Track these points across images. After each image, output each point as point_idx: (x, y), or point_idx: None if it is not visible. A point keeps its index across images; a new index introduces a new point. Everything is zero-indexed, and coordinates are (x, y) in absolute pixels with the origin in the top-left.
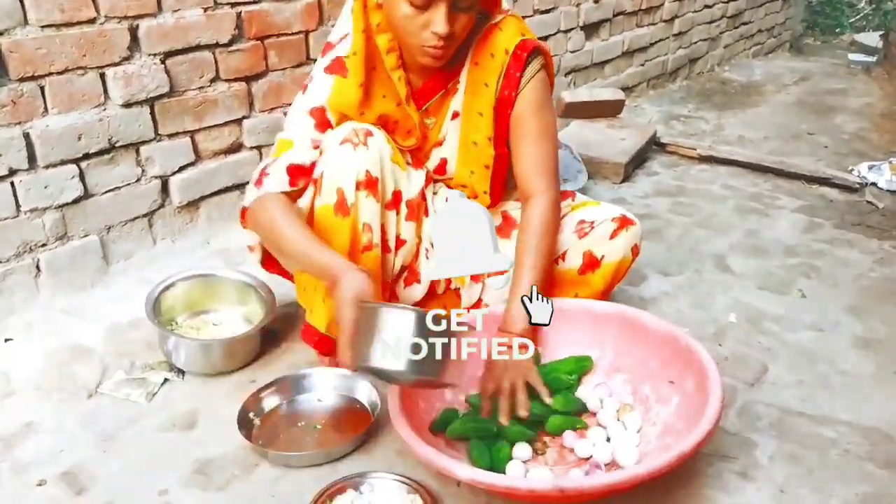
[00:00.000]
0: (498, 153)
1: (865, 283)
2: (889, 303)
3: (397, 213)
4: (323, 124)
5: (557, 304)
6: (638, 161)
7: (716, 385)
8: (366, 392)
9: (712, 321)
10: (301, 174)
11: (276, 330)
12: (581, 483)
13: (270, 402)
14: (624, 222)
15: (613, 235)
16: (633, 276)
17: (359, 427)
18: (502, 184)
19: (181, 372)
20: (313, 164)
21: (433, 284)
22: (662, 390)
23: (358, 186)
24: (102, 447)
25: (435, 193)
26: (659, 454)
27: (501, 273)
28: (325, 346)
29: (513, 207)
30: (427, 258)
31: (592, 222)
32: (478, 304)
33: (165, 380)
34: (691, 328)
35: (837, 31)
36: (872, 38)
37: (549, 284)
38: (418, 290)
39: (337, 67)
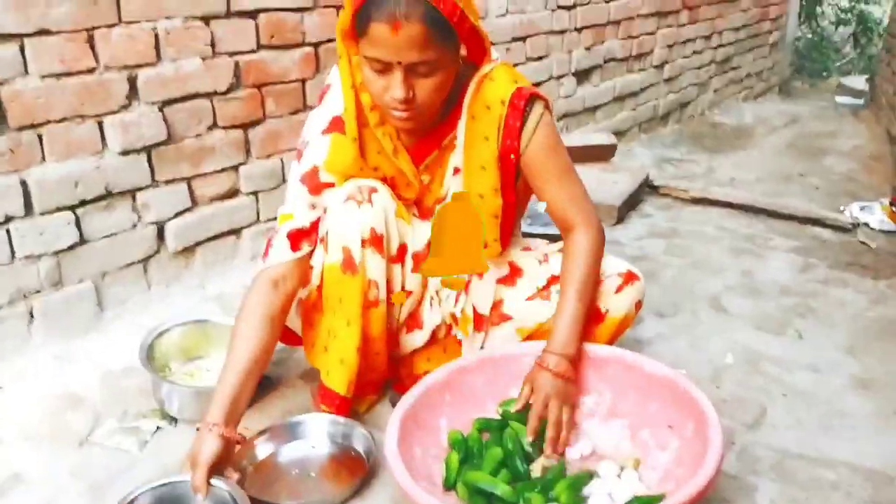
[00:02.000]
0: (505, 202)
1: (862, 322)
2: (886, 342)
3: (402, 266)
4: (316, 188)
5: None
6: (631, 204)
7: (715, 431)
8: (361, 439)
9: (709, 362)
10: (302, 237)
11: (270, 375)
12: None
13: (264, 449)
14: (629, 277)
15: (619, 290)
16: None
17: (354, 475)
18: (510, 232)
19: (174, 420)
20: (314, 224)
21: (434, 331)
22: (661, 435)
23: (363, 244)
24: (93, 497)
25: None
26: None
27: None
28: (346, 409)
29: (519, 256)
30: (431, 306)
31: (603, 275)
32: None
33: (158, 428)
34: (688, 370)
35: (824, 74)
36: (859, 82)
37: (593, 313)
38: (419, 337)
39: (335, 126)
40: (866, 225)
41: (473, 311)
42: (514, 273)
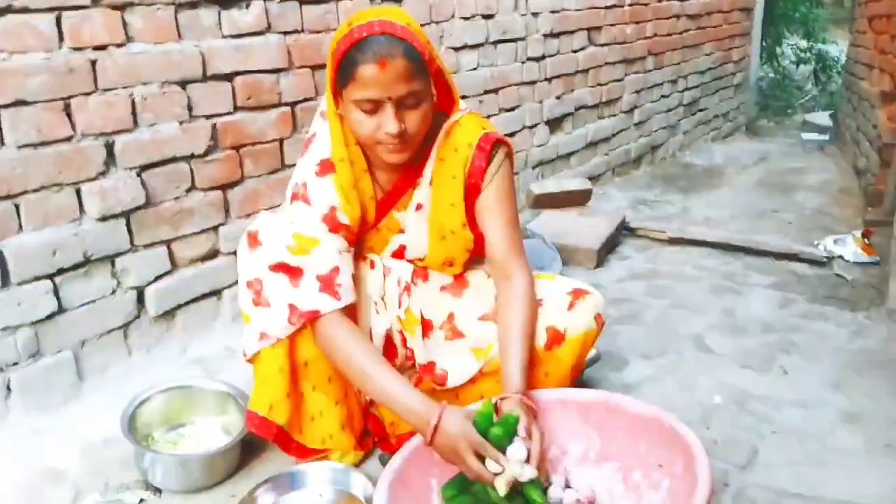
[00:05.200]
0: (475, 235)
1: (845, 356)
2: (870, 375)
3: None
4: (336, 228)
5: (541, 396)
6: (610, 246)
7: (703, 465)
8: (361, 485)
9: (698, 404)
10: (334, 278)
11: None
12: None
13: (266, 499)
14: (578, 293)
15: (571, 307)
16: (614, 362)
17: None
18: (471, 260)
19: (158, 490)
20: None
21: (389, 339)
22: (653, 475)
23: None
24: None
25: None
26: None
27: None
28: (270, 432)
29: (467, 268)
30: (377, 312)
31: (547, 297)
32: (431, 366)
33: (141, 500)
34: (678, 413)
35: (789, 112)
36: (822, 118)
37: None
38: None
39: (326, 168)
40: (841, 258)
41: (421, 315)
42: (460, 283)
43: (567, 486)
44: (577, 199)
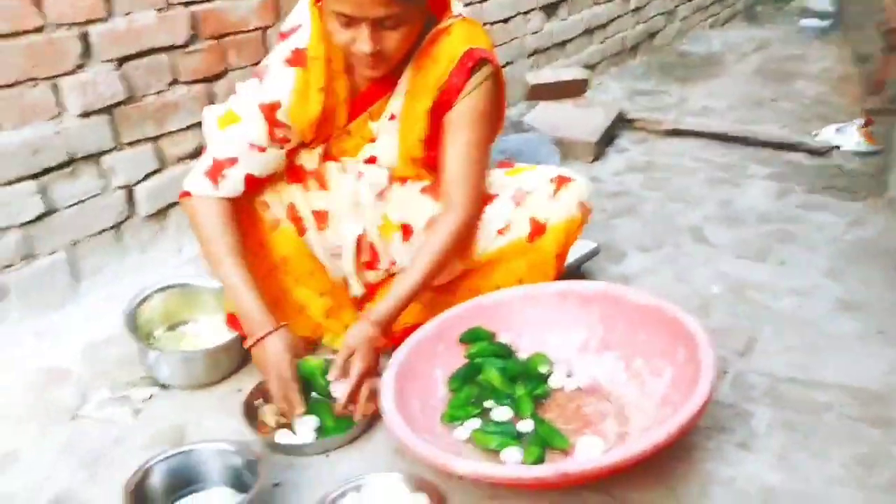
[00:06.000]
0: (428, 155)
1: (841, 245)
2: (866, 263)
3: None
4: (273, 122)
5: (542, 289)
6: (607, 139)
7: (707, 353)
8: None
9: (696, 294)
10: (255, 185)
11: None
12: (583, 466)
13: None
14: (561, 181)
15: (554, 195)
16: (613, 254)
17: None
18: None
19: (165, 387)
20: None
21: (362, 243)
22: (654, 363)
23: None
24: (89, 471)
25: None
26: (658, 427)
27: None
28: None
29: None
30: (350, 217)
31: (531, 189)
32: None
33: (150, 396)
34: (676, 302)
35: None
36: (822, 3)
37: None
38: (347, 257)
39: (297, 59)
40: (838, 148)
41: (401, 221)
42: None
43: (569, 375)
44: (573, 88)
